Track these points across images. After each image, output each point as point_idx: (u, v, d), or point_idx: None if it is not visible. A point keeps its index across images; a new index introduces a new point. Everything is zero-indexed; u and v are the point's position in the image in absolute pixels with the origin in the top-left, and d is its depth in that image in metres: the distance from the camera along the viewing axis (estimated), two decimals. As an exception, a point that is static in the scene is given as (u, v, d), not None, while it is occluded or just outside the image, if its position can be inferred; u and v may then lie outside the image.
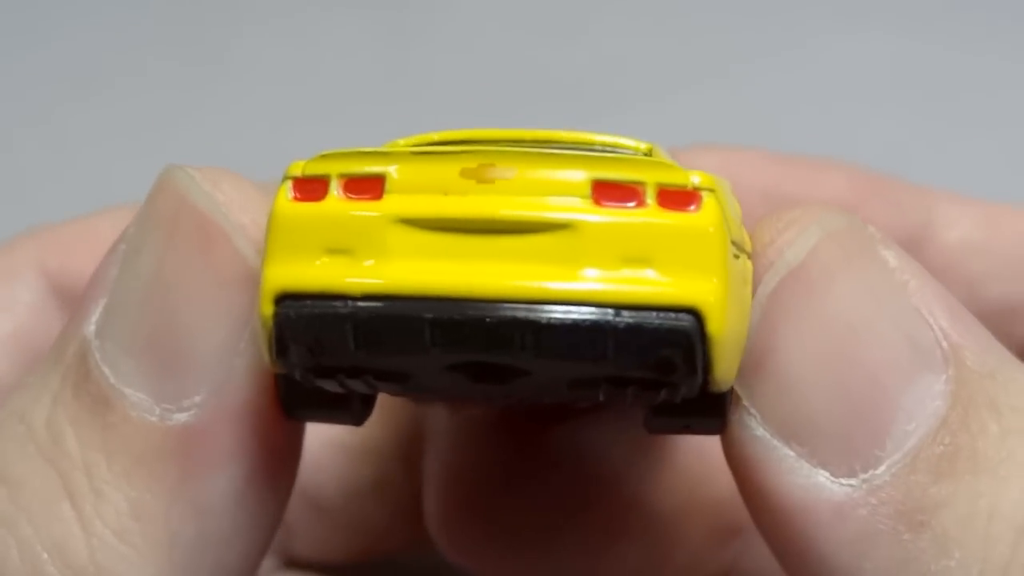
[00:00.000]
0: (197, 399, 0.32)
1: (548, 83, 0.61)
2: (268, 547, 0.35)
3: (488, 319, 0.28)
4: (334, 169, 0.30)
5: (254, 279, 0.32)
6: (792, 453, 0.31)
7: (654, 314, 0.28)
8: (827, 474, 0.31)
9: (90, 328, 0.33)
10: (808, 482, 0.31)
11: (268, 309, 0.30)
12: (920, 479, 0.31)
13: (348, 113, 0.65)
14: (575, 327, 0.28)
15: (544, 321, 0.28)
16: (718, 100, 0.62)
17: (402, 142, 0.35)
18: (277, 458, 0.33)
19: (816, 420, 0.31)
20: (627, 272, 0.28)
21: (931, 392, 0.31)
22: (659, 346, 0.28)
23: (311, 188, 0.30)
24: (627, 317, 0.28)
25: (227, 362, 0.32)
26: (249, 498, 0.33)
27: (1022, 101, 0.63)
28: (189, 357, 0.32)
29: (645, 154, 0.33)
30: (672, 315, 0.28)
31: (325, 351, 0.29)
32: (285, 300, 0.29)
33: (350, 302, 0.29)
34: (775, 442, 0.31)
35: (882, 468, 0.31)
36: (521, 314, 0.28)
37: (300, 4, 0.67)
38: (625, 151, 0.33)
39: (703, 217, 0.29)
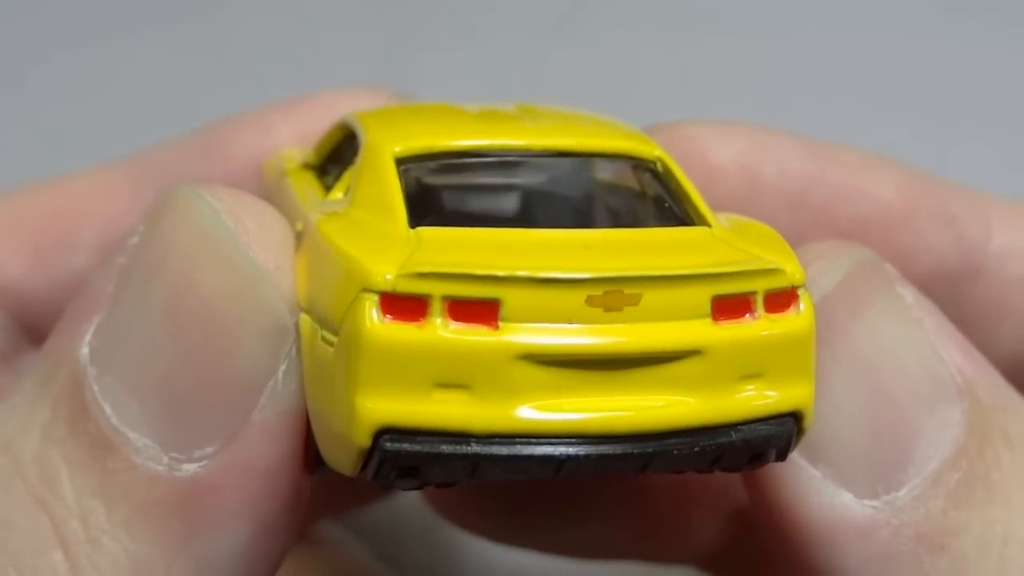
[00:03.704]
0: (209, 450, 0.30)
1: (550, 85, 0.60)
2: None
3: (619, 454, 0.28)
4: (437, 290, 0.27)
5: (280, 330, 0.30)
6: (818, 474, 0.32)
7: (763, 424, 0.30)
8: (851, 495, 0.32)
9: (83, 351, 0.30)
10: (833, 502, 0.32)
11: (365, 441, 0.27)
12: (939, 504, 0.32)
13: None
14: (701, 452, 0.29)
15: (674, 452, 0.28)
16: (720, 102, 0.61)
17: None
18: (285, 514, 0.31)
19: (842, 443, 0.32)
20: (743, 388, 0.29)
21: (950, 421, 0.32)
22: (764, 448, 0.30)
23: (407, 308, 0.27)
24: (743, 433, 0.29)
25: (244, 415, 0.30)
26: (253, 554, 0.31)
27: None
28: (204, 406, 0.30)
29: (657, 161, 0.34)
30: (778, 421, 0.30)
31: (432, 479, 0.28)
32: (388, 432, 0.27)
33: (473, 443, 0.27)
34: (801, 462, 0.32)
35: (904, 491, 0.32)
36: (651, 448, 0.28)
37: (301, 2, 0.67)
38: (637, 160, 0.34)
39: (804, 318, 0.30)
